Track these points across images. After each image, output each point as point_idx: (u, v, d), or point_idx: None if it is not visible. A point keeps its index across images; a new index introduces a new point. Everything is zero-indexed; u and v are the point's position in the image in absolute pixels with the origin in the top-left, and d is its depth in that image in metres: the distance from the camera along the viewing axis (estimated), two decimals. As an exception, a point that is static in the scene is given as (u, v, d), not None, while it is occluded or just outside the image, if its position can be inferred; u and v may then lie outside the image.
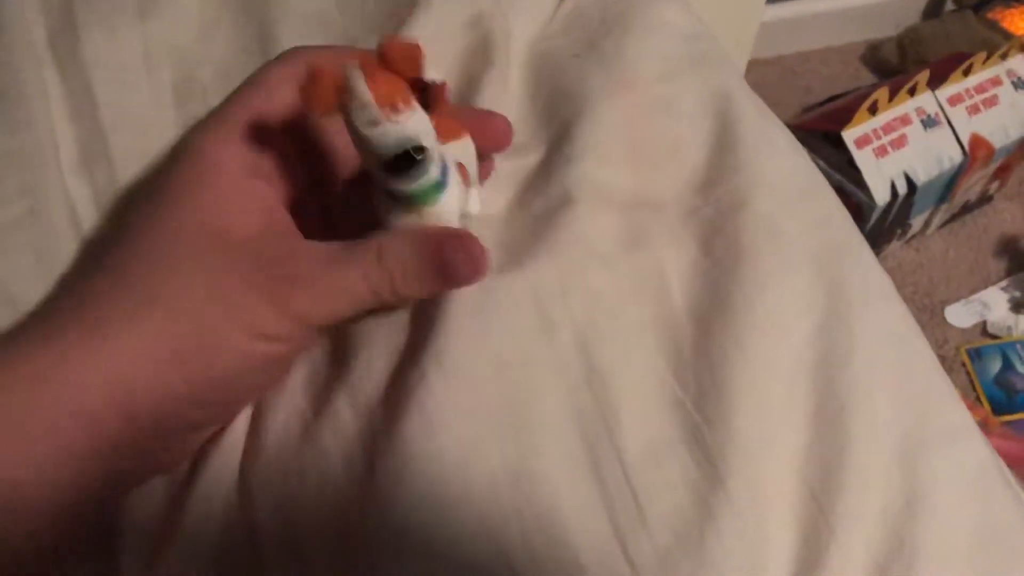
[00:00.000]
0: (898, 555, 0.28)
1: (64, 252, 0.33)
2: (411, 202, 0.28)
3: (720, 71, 0.41)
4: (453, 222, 0.29)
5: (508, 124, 0.34)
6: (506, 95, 0.39)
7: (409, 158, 0.25)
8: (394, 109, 0.25)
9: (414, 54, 0.25)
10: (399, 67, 0.25)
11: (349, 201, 0.34)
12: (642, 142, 0.37)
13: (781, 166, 0.37)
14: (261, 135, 0.29)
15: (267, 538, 0.28)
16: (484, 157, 0.34)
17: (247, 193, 0.28)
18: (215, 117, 0.29)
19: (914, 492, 0.29)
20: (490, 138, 0.34)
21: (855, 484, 0.28)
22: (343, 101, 0.25)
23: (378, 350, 0.31)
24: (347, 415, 0.29)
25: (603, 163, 0.36)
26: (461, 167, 0.31)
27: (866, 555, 0.28)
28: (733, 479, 0.28)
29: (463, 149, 0.31)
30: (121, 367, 0.25)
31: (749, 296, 0.32)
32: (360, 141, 0.25)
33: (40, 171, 0.34)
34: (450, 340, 0.30)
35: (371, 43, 0.41)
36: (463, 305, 0.31)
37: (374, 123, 0.25)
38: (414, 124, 0.25)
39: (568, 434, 0.29)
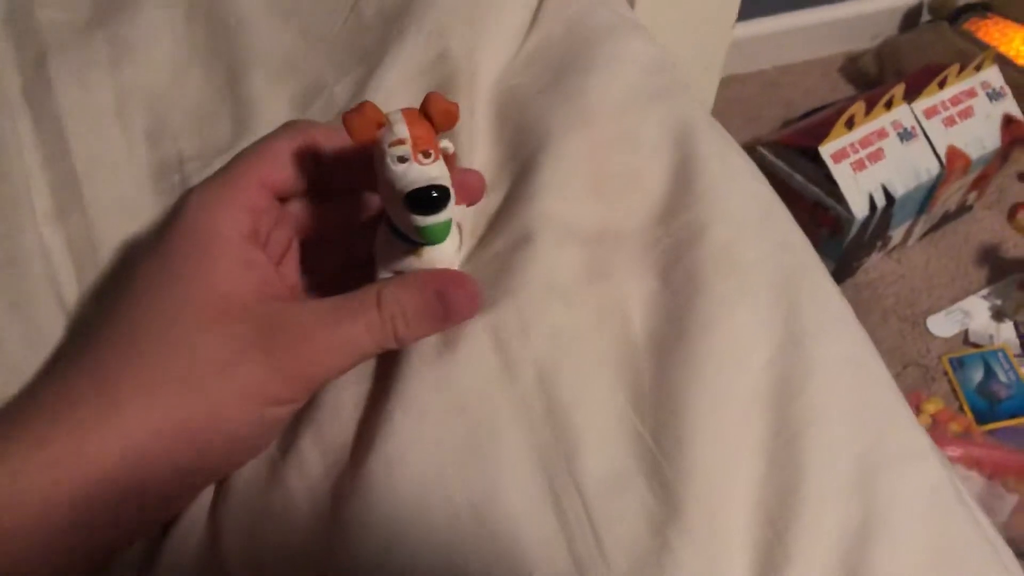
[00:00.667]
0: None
1: (39, 298, 0.34)
2: (420, 240, 0.29)
3: (681, 102, 0.42)
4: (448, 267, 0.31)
5: (482, 180, 0.35)
6: (473, 132, 0.40)
7: (430, 195, 0.27)
8: (424, 153, 0.27)
9: (453, 112, 0.28)
10: (437, 120, 0.28)
11: (340, 258, 0.35)
12: (604, 175, 0.38)
13: (740, 195, 0.38)
14: (259, 202, 0.30)
15: None
16: None
17: (247, 262, 0.29)
18: (217, 181, 0.30)
19: (869, 514, 0.29)
20: (465, 193, 0.35)
21: (810, 508, 0.29)
22: (380, 135, 0.27)
23: (344, 393, 0.32)
24: (313, 456, 0.30)
25: (564, 198, 0.37)
26: (458, 226, 0.33)
27: (822, 578, 0.28)
28: (690, 508, 0.29)
29: (460, 213, 0.33)
30: (135, 444, 0.26)
31: (706, 326, 0.33)
32: (387, 175, 0.27)
33: (15, 220, 0.35)
34: (414, 383, 0.31)
35: (338, 84, 0.42)
36: (426, 347, 0.32)
37: (404, 161, 0.27)
38: (439, 170, 0.27)
39: (529, 468, 0.30)
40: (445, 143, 0.29)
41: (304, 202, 0.33)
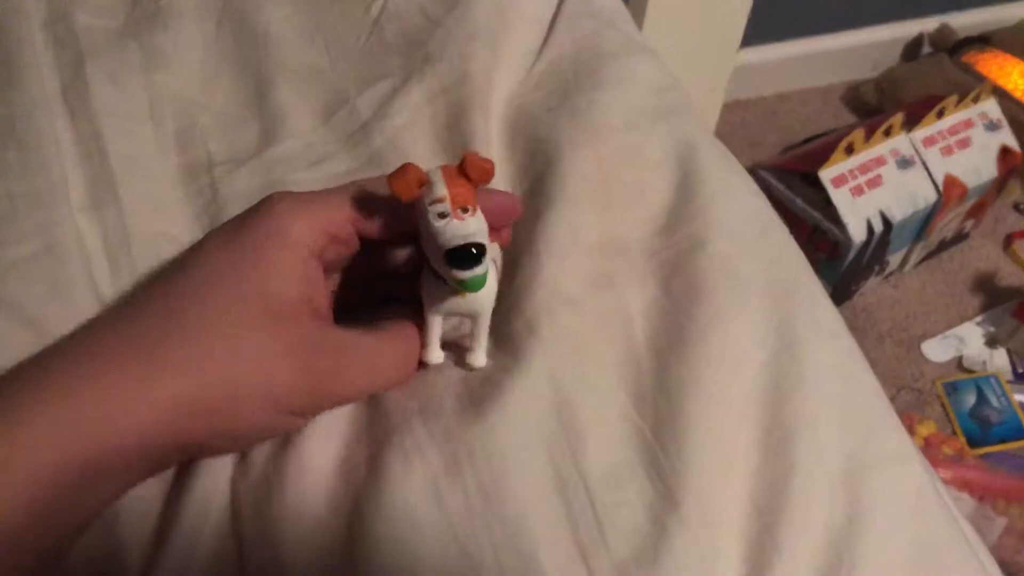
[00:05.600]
0: (838, 568, 0.30)
1: (75, 281, 0.36)
2: (459, 288, 0.31)
3: (685, 121, 0.44)
4: (487, 307, 0.33)
5: (513, 199, 0.35)
6: (488, 147, 0.42)
7: (468, 252, 0.29)
8: (463, 209, 0.29)
9: (489, 169, 0.30)
10: (474, 177, 0.30)
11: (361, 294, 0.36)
12: (610, 188, 0.40)
13: (738, 210, 0.40)
14: (340, 232, 0.31)
15: (252, 560, 0.30)
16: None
17: (306, 276, 0.30)
18: (307, 195, 0.31)
19: (855, 511, 0.31)
20: (499, 216, 0.34)
21: (799, 503, 0.31)
22: (422, 193, 0.29)
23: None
24: (329, 447, 0.32)
25: (573, 209, 0.39)
26: (494, 261, 0.34)
27: (808, 568, 0.30)
28: (686, 500, 0.31)
29: (495, 251, 0.36)
30: (167, 413, 0.27)
31: (704, 332, 0.35)
32: (429, 230, 0.29)
33: (53, 211, 0.37)
34: (428, 378, 0.33)
35: (360, 97, 0.44)
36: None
37: (444, 217, 0.29)
38: (476, 225, 0.29)
39: (537, 458, 0.31)
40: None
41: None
